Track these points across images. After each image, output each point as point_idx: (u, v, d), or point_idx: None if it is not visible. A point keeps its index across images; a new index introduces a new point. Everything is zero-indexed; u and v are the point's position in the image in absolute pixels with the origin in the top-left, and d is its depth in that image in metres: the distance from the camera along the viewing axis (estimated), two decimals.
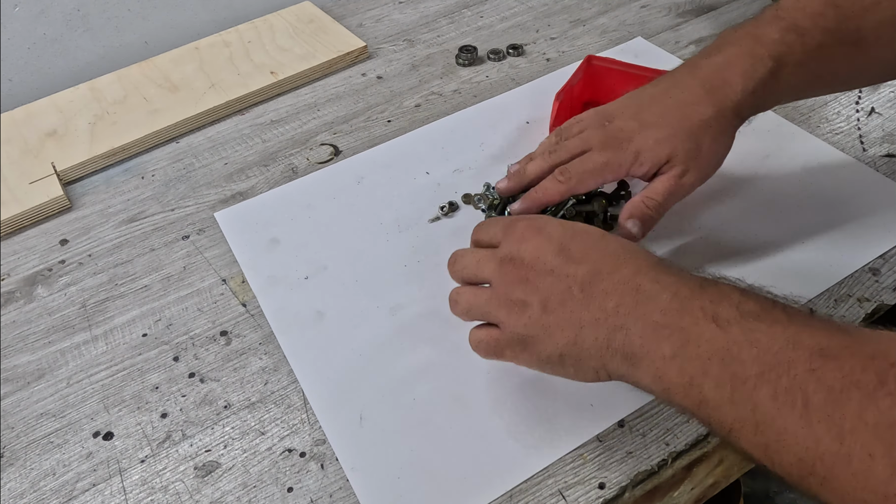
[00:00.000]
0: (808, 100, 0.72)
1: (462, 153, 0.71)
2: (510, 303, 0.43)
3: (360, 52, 0.87)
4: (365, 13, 0.96)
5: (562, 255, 0.43)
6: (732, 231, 0.60)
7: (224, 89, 0.82)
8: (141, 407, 0.54)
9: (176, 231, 0.68)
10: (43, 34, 0.87)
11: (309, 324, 0.58)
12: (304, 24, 0.91)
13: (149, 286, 0.63)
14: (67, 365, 0.57)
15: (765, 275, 0.56)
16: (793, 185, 0.64)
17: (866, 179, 0.64)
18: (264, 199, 0.70)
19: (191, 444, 0.51)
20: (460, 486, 0.47)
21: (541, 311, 0.42)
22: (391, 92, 0.82)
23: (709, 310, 0.38)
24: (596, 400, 0.50)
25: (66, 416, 0.54)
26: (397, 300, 0.58)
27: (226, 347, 0.57)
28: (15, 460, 0.52)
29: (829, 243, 0.58)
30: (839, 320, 0.38)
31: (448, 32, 0.90)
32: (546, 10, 0.92)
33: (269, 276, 0.62)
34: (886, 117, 0.70)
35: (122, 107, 0.81)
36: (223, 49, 0.88)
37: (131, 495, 0.49)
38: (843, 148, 0.67)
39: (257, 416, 0.52)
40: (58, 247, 0.68)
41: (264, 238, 0.65)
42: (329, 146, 0.75)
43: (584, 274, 0.41)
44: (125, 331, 0.59)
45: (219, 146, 0.77)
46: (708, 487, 0.51)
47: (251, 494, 0.48)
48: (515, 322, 0.43)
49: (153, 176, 0.75)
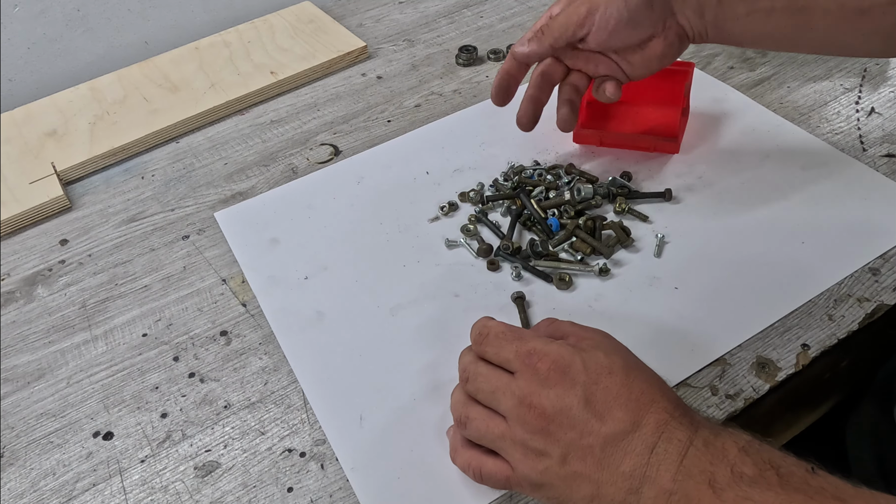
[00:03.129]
0: (808, 100, 0.73)
1: (462, 153, 0.71)
2: (526, 449, 0.42)
3: (360, 52, 0.87)
4: (365, 13, 0.96)
5: (587, 408, 0.40)
6: (732, 231, 0.60)
7: (224, 89, 0.82)
8: (141, 407, 0.54)
9: (176, 231, 0.68)
10: (43, 34, 0.87)
11: (309, 324, 0.58)
12: (304, 24, 0.91)
13: (149, 286, 0.63)
14: (67, 365, 0.57)
15: (765, 274, 0.56)
16: (793, 185, 0.64)
17: (866, 179, 0.64)
18: (264, 199, 0.70)
19: (191, 444, 0.51)
20: (460, 486, 0.47)
21: (560, 463, 0.41)
22: (391, 92, 0.82)
23: (707, 473, 0.37)
24: None
25: (66, 416, 0.54)
26: (397, 300, 0.58)
27: (226, 347, 0.57)
28: (15, 460, 0.52)
29: (829, 243, 0.58)
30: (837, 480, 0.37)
31: (448, 32, 0.90)
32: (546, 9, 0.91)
33: (269, 276, 0.62)
34: (886, 117, 0.70)
35: (122, 107, 0.81)
36: (223, 49, 0.88)
37: (131, 495, 0.49)
38: (843, 148, 0.67)
39: (257, 416, 0.52)
40: (58, 247, 0.68)
41: (264, 238, 0.65)
42: (329, 146, 0.75)
43: (606, 433, 0.40)
44: (125, 331, 0.59)
45: (219, 146, 0.77)
46: None
47: (251, 494, 0.48)
48: (531, 468, 0.42)
49: (153, 176, 0.75)
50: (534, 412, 0.41)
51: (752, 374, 0.51)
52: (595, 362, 0.41)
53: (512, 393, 0.42)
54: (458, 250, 0.62)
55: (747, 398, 0.50)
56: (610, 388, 0.41)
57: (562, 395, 0.41)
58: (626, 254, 0.60)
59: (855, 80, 0.75)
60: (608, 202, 0.64)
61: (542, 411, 0.41)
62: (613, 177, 0.66)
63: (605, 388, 0.41)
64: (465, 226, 0.63)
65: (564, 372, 0.41)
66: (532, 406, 0.41)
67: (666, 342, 0.53)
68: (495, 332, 0.45)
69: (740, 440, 0.38)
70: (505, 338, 0.44)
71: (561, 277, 0.58)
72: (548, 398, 0.41)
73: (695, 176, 0.66)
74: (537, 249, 0.60)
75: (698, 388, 0.50)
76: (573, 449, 0.40)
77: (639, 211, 0.62)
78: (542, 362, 0.42)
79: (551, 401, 0.41)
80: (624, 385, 0.41)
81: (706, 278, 0.57)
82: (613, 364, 0.41)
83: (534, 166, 0.68)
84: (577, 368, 0.41)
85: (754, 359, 0.52)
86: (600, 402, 0.40)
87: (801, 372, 0.51)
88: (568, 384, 0.41)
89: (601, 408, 0.40)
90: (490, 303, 0.57)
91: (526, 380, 0.42)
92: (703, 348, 0.52)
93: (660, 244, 0.60)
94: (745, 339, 0.53)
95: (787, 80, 0.76)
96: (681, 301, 0.56)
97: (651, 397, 0.41)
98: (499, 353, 0.44)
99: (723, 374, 0.51)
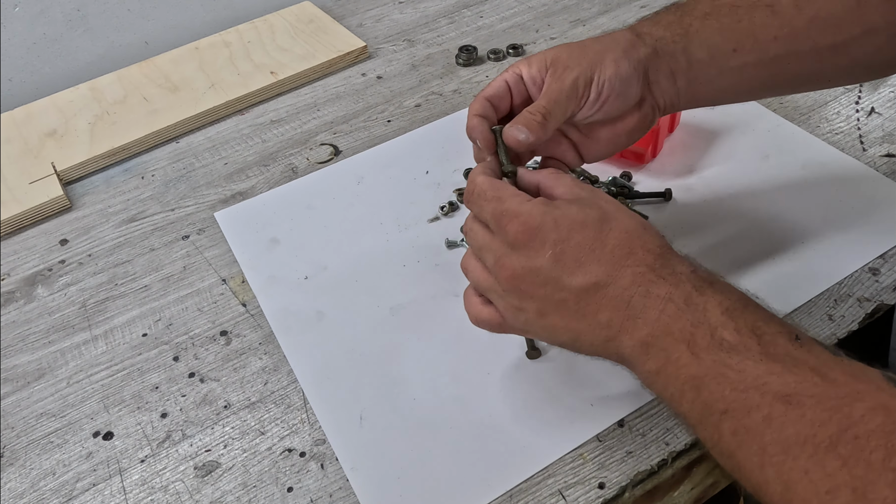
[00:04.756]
0: (808, 100, 0.72)
1: (462, 153, 0.71)
2: (506, 303, 0.44)
3: (360, 52, 0.87)
4: (365, 13, 0.96)
5: (557, 265, 0.41)
6: (732, 231, 0.60)
7: (224, 89, 0.82)
8: (141, 407, 0.54)
9: (176, 231, 0.68)
10: (43, 34, 0.87)
11: (309, 324, 0.58)
12: (304, 24, 0.91)
13: (149, 286, 0.63)
14: (67, 365, 0.57)
15: (765, 274, 0.56)
16: (793, 185, 0.64)
17: (866, 179, 0.64)
18: (264, 199, 0.70)
19: (191, 444, 0.51)
20: (460, 486, 0.47)
21: (537, 316, 0.42)
22: (391, 92, 0.82)
23: (687, 333, 0.38)
24: (596, 400, 0.50)
25: (66, 416, 0.54)
26: (397, 300, 0.58)
27: (226, 347, 0.57)
28: (15, 460, 0.52)
29: (829, 243, 0.58)
30: (819, 350, 0.37)
31: (448, 32, 0.90)
32: (546, 10, 0.92)
33: (269, 276, 0.62)
34: (886, 117, 0.70)
35: (122, 107, 0.81)
36: (223, 49, 0.88)
37: (131, 495, 0.49)
38: (843, 148, 0.67)
39: (257, 415, 0.52)
40: (58, 247, 0.68)
41: (264, 238, 0.65)
42: (329, 146, 0.75)
43: (578, 286, 0.41)
44: (125, 331, 0.59)
45: (219, 146, 0.77)
46: (708, 487, 0.51)
47: (251, 494, 0.48)
48: (513, 319, 0.44)
49: (153, 176, 0.75)
50: (505, 272, 0.42)
51: None
52: (567, 218, 0.41)
53: (490, 251, 0.44)
54: (458, 250, 0.62)
55: None
56: (582, 243, 0.41)
57: (531, 255, 0.41)
58: None
59: None
60: None
61: (513, 272, 0.42)
62: (613, 177, 0.66)
63: (576, 243, 0.41)
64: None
65: (534, 233, 0.41)
66: (504, 266, 0.42)
67: None
68: (478, 190, 0.45)
69: (725, 300, 0.38)
70: (485, 197, 0.44)
71: None
72: (518, 259, 0.42)
73: (695, 176, 0.66)
74: None
75: None
76: (547, 304, 0.42)
77: (639, 211, 0.62)
78: (511, 224, 0.42)
79: (520, 261, 0.42)
80: (597, 239, 0.41)
81: None
82: (587, 217, 0.42)
83: (533, 165, 0.68)
84: (547, 228, 0.41)
85: None
86: (571, 258, 0.41)
87: None
88: (537, 244, 0.41)
89: (572, 264, 0.41)
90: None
91: (499, 241, 0.43)
92: None
93: None
94: None
95: None
96: None
97: (628, 249, 0.41)
98: (479, 213, 0.45)
99: None
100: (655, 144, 0.66)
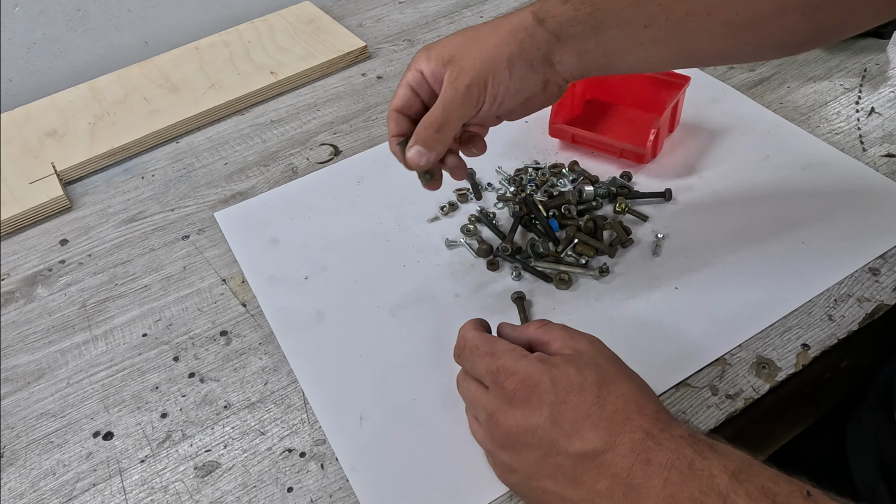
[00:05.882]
0: (808, 100, 0.72)
1: None
2: (496, 460, 0.43)
3: (360, 52, 0.87)
4: (365, 13, 0.96)
5: (554, 428, 0.39)
6: (732, 231, 0.60)
7: (224, 89, 0.82)
8: (141, 407, 0.54)
9: (176, 231, 0.68)
10: (43, 34, 0.87)
11: (309, 324, 0.58)
12: (304, 24, 0.91)
13: (149, 286, 0.63)
14: (67, 365, 0.57)
15: (765, 275, 0.56)
16: (793, 185, 0.64)
17: (866, 179, 0.64)
18: (264, 199, 0.70)
19: (191, 444, 0.51)
20: (460, 486, 0.47)
21: (527, 479, 0.41)
22: (391, 92, 0.81)
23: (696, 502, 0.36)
24: None
25: (66, 416, 0.54)
26: (397, 300, 0.58)
27: (226, 347, 0.57)
28: (15, 460, 0.52)
29: (829, 243, 0.58)
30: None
31: (448, 32, 0.90)
32: None
33: (269, 276, 0.62)
34: (886, 117, 0.70)
35: (122, 107, 0.81)
36: (223, 49, 0.88)
37: (131, 495, 0.49)
38: (843, 148, 0.67)
39: (257, 416, 0.52)
40: (58, 247, 0.68)
41: (264, 238, 0.65)
42: (329, 146, 0.75)
43: (575, 452, 0.39)
44: (125, 331, 0.59)
45: (219, 146, 0.77)
46: None
47: (251, 494, 0.48)
48: (503, 479, 0.44)
49: (153, 176, 0.75)
50: (500, 429, 0.41)
51: (752, 375, 0.51)
52: (565, 380, 0.41)
53: (483, 407, 0.43)
54: (458, 250, 0.62)
55: (747, 398, 0.49)
56: (579, 406, 0.40)
57: (527, 414, 0.40)
58: (626, 254, 0.60)
59: (855, 80, 0.75)
60: (608, 202, 0.64)
61: (507, 430, 0.41)
62: (613, 177, 0.66)
63: (573, 407, 0.40)
64: (465, 226, 0.63)
65: (531, 391, 0.41)
66: (499, 423, 0.41)
67: (666, 342, 0.53)
68: (470, 345, 0.45)
69: (730, 463, 0.37)
70: (478, 353, 0.44)
71: (561, 277, 0.58)
72: (513, 417, 0.41)
73: (695, 176, 0.66)
74: (538, 250, 0.60)
75: (698, 388, 0.50)
76: (540, 467, 0.40)
77: (639, 211, 0.62)
78: (509, 381, 0.41)
79: (516, 420, 0.41)
80: (595, 403, 0.40)
81: (706, 278, 0.57)
82: (585, 381, 0.41)
83: (534, 165, 0.68)
84: (544, 387, 0.41)
85: (754, 359, 0.52)
86: (568, 421, 0.40)
87: (801, 372, 0.51)
88: (534, 404, 0.40)
89: (569, 427, 0.39)
90: (490, 303, 0.57)
91: (495, 397, 0.42)
92: (703, 348, 0.52)
93: (659, 244, 0.60)
94: (745, 339, 0.53)
95: (786, 80, 0.76)
96: (681, 301, 0.56)
97: (626, 415, 0.39)
98: (472, 368, 0.45)
99: (723, 374, 0.51)
100: (655, 144, 0.66)
